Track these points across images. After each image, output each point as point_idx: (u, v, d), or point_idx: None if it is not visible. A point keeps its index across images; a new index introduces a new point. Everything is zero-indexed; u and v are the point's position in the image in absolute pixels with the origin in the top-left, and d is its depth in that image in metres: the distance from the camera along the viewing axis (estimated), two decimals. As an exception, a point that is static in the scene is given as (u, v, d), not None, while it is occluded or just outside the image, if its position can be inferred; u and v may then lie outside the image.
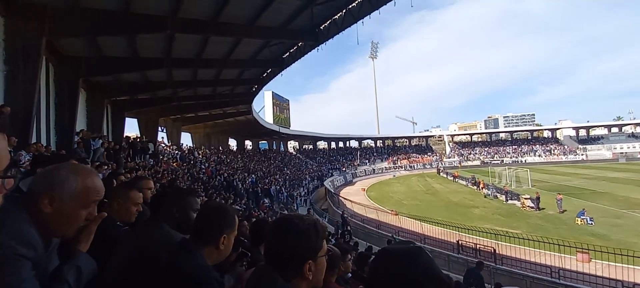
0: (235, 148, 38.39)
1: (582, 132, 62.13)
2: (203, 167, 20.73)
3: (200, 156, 23.95)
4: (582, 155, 53.72)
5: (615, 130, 61.76)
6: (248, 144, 43.68)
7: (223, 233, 1.32)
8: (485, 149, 61.76)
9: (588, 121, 66.05)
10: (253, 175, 25.38)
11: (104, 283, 1.47)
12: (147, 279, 1.24)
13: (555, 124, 78.42)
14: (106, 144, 11.70)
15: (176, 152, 21.56)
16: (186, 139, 31.87)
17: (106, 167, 8.33)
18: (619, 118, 78.40)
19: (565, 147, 58.13)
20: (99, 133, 12.62)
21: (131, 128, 22.50)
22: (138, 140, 17.11)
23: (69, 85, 11.18)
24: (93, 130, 12.93)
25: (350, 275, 3.63)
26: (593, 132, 64.07)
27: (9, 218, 0.82)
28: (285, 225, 1.06)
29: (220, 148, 32.79)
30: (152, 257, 1.32)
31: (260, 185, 24.03)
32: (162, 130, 25.69)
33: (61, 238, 1.02)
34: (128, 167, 10.34)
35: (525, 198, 20.34)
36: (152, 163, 14.52)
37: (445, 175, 40.66)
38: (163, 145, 22.16)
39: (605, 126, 64.12)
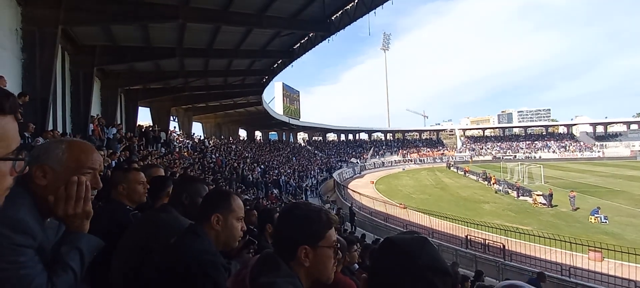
0: (245, 139, 38.67)
1: (600, 129, 60.26)
2: (213, 156, 20.98)
3: (211, 146, 24.22)
4: (598, 152, 52.20)
5: (634, 127, 59.61)
6: (258, 134, 43.93)
7: (214, 212, 1.32)
8: (498, 144, 60.68)
9: (606, 117, 63.98)
10: (262, 166, 25.58)
11: (112, 267, 1.52)
12: (155, 263, 1.27)
13: (572, 119, 76.28)
14: (121, 133, 11.95)
15: (187, 141, 21.86)
16: (197, 129, 32.27)
17: (119, 154, 8.54)
18: (638, 114, 75.68)
19: (581, 143, 56.62)
20: (113, 121, 12.88)
21: (144, 117, 22.87)
22: (150, 129, 17.39)
23: (84, 73, 11.41)
24: (107, 118, 13.21)
25: (356, 266, 3.65)
26: (611, 129, 62.01)
27: (5, 206, 0.79)
28: (289, 209, 1.08)
29: (231, 139, 33.08)
30: (161, 241, 1.35)
31: (269, 175, 24.22)
32: (174, 120, 26.05)
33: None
34: (141, 155, 10.55)
35: (538, 195, 19.95)
36: (164, 152, 14.77)
37: (455, 170, 40.17)
38: (175, 134, 22.49)
39: (624, 122, 61.86)
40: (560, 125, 69.23)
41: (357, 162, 44.82)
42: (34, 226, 0.87)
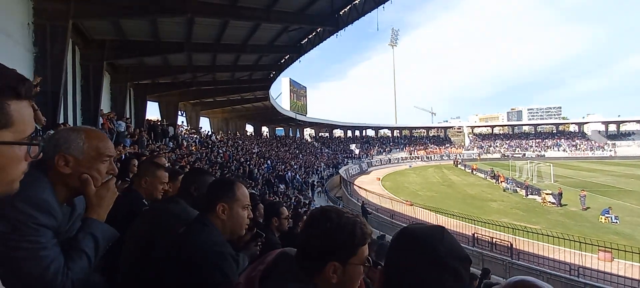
0: (252, 134, 38.82)
1: (612, 127, 59.07)
2: (220, 151, 21.12)
3: (218, 140, 24.39)
4: (610, 151, 51.26)
5: (648, 126, 58.30)
6: (265, 130, 44.05)
7: (219, 201, 1.32)
8: (507, 142, 59.93)
9: (619, 116, 62.59)
10: (269, 161, 25.68)
11: (121, 253, 1.53)
12: (163, 253, 1.28)
13: (583, 117, 74.86)
14: (130, 127, 12.09)
15: (195, 136, 22.05)
16: (205, 124, 32.49)
17: (128, 148, 8.65)
18: (653, 113, 73.83)
19: (593, 142, 55.59)
20: (122, 116, 13.02)
21: (152, 112, 23.08)
22: (159, 123, 17.57)
23: (94, 67, 11.53)
24: (116, 112, 13.36)
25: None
26: (624, 128, 60.70)
27: (28, 187, 0.82)
28: (319, 217, 0.95)
29: (238, 134, 33.25)
30: (169, 231, 1.36)
31: (276, 170, 24.30)
32: (182, 115, 26.25)
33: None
34: (149, 149, 10.66)
35: (547, 194, 19.67)
36: (171, 146, 14.91)
37: (463, 168, 39.84)
38: (182, 129, 22.69)
39: (637, 121, 60.48)
40: (572, 123, 67.93)
41: (362, 160, 44.68)
42: (57, 207, 0.90)
